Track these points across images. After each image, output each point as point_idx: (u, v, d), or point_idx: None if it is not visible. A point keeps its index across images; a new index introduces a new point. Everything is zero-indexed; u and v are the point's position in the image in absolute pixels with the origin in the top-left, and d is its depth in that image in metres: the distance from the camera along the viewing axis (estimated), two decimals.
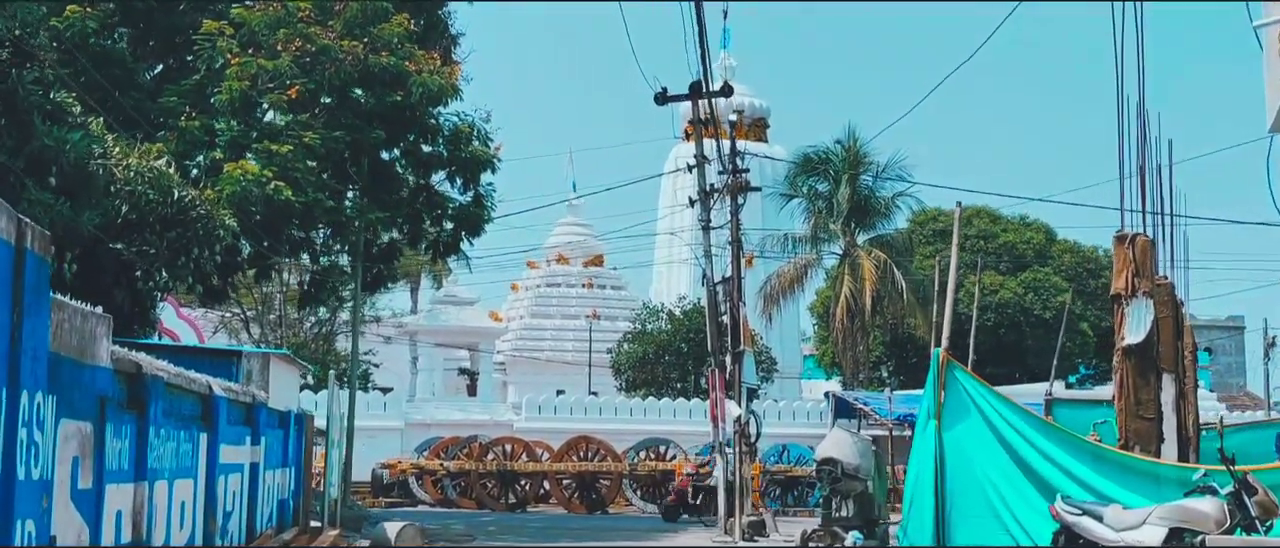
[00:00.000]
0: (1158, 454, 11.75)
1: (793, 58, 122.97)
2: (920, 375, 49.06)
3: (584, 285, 59.94)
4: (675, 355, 47.93)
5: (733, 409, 21.02)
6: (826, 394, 46.53)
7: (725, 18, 52.92)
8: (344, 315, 40.90)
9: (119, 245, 13.98)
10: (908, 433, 40.53)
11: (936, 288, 16.09)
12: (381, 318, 48.93)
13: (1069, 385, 51.43)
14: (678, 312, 49.44)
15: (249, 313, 44.78)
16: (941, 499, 11.82)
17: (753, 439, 22.07)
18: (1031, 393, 45.33)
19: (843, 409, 42.98)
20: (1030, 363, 54.64)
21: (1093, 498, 10.82)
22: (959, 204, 12.82)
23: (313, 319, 45.89)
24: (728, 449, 21.43)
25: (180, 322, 20.20)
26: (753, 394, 22.76)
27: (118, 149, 14.32)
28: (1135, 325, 11.89)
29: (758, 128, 61.80)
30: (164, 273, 14.15)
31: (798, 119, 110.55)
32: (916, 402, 42.17)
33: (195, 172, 18.96)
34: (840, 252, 49.13)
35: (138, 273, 14.19)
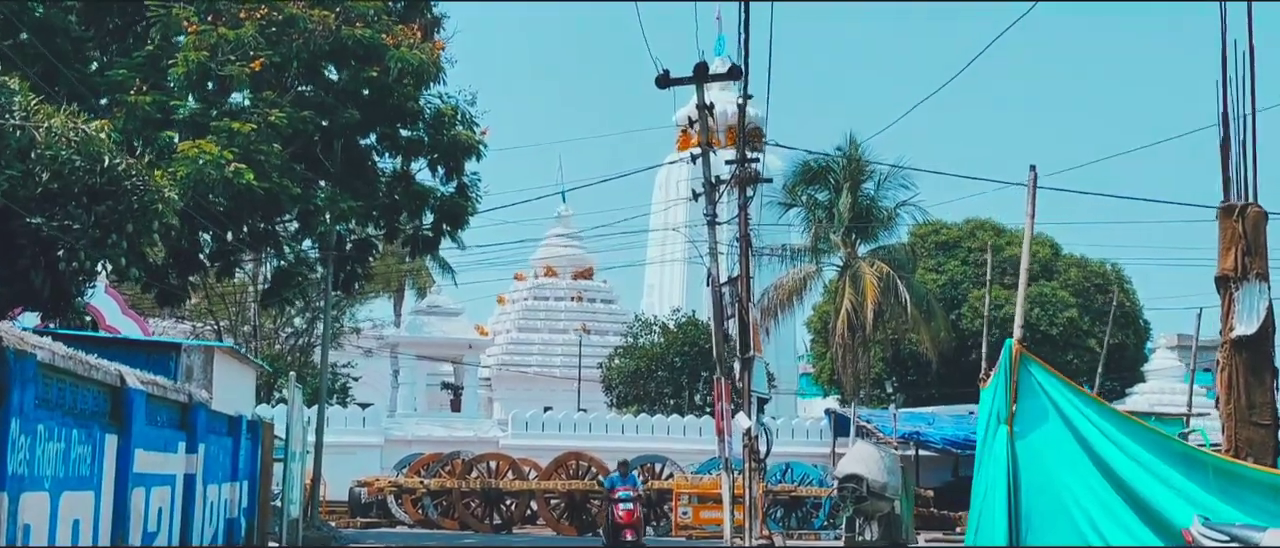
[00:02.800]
0: (1274, 466, 9.77)
1: (789, 66, 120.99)
2: (921, 393, 47.05)
3: (573, 299, 57.98)
4: (668, 370, 45.85)
5: (743, 421, 18.95)
6: (827, 412, 44.67)
7: (719, 25, 51.23)
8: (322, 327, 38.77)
9: (38, 220, 11.90)
10: (911, 453, 38.81)
11: (988, 273, 14.04)
12: (361, 329, 46.80)
13: None
14: (671, 324, 47.39)
15: (222, 323, 42.68)
16: (1016, 521, 9.80)
17: (763, 455, 19.99)
18: None
19: (844, 427, 41.16)
20: None
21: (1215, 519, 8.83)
22: (1032, 168, 10.80)
23: (289, 330, 43.79)
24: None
25: (125, 318, 18.13)
26: (763, 405, 20.70)
27: (40, 111, 12.25)
28: (1247, 314, 9.89)
29: (753, 137, 59.85)
30: (88, 253, 12.05)
31: (795, 129, 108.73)
32: (922, 420, 40.40)
33: (146, 154, 16.85)
34: (841, 263, 47.18)
35: (60, 252, 12.11)
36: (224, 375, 12.64)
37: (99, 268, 14.84)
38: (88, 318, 17.36)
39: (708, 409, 44.30)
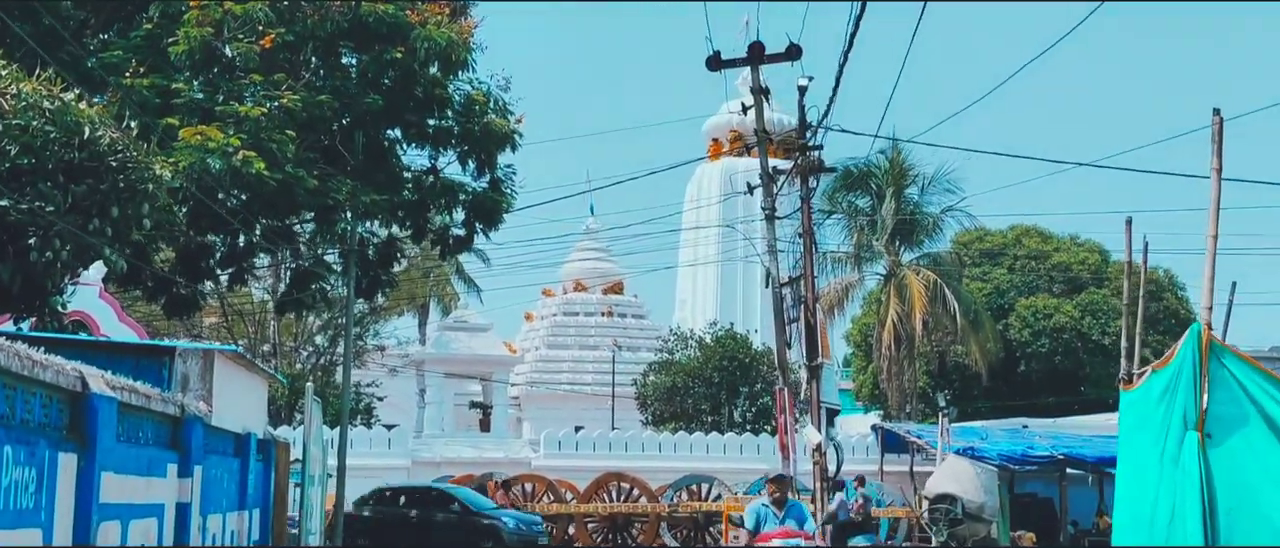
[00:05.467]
0: None
1: (826, 71, 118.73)
2: (968, 407, 44.80)
3: (603, 314, 56.10)
4: (706, 385, 43.76)
5: (813, 435, 16.94)
6: (874, 427, 42.55)
7: (747, 29, 49.36)
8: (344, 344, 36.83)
9: (4, 202, 10.02)
10: None
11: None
12: (385, 347, 44.91)
13: None
14: (708, 337, 45.35)
15: (242, 342, 40.87)
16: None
17: (833, 472, 17.98)
18: (1093, 424, 41.24)
19: (892, 444, 39.09)
20: (1088, 392, 50.64)
21: None
22: (1216, 111, 8.82)
23: (310, 348, 41.95)
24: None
25: (123, 326, 16.26)
26: (832, 417, 18.69)
27: (7, 75, 10.38)
28: None
29: (789, 145, 57.87)
30: (64, 241, 10.14)
31: (833, 136, 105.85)
32: (975, 435, 38.29)
33: (133, 126, 14.94)
34: (884, 272, 45.19)
35: (31, 241, 10.21)
36: (228, 385, 10.72)
37: (92, 264, 12.97)
38: (82, 329, 15.55)
39: (750, 426, 42.33)
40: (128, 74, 15.78)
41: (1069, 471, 35.20)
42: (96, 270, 15.58)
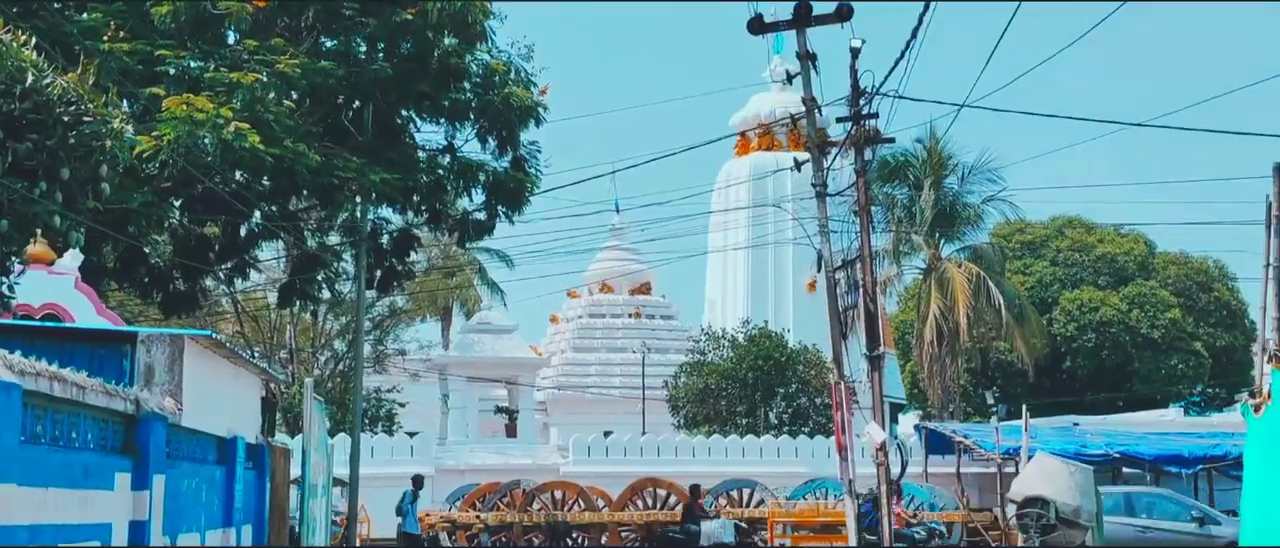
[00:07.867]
0: None
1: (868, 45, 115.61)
2: (1013, 405, 42.79)
3: (631, 315, 54.39)
4: (740, 386, 41.91)
5: (876, 433, 15.13)
6: (917, 427, 40.64)
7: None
8: (365, 349, 35.14)
9: None
10: (1012, 470, 34.76)
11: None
12: (407, 351, 43.33)
13: (1187, 413, 45.61)
14: (741, 337, 43.52)
15: (258, 349, 39.30)
16: None
17: (897, 475, 16.17)
18: (1146, 421, 39.19)
19: (937, 444, 37.23)
20: (1137, 388, 48.74)
21: None
22: None
23: (327, 353, 40.36)
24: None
25: (101, 320, 14.65)
26: (897, 413, 16.89)
27: None
28: None
29: (821, 135, 55.97)
30: (5, 210, 8.47)
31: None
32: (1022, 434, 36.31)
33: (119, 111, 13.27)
34: (923, 265, 43.25)
35: None
36: (204, 379, 9.02)
37: (67, 250, 11.31)
38: (54, 322, 13.90)
39: (787, 428, 40.53)
40: (106, 39, 14.12)
41: (1125, 470, 33.31)
42: (72, 258, 13.95)
